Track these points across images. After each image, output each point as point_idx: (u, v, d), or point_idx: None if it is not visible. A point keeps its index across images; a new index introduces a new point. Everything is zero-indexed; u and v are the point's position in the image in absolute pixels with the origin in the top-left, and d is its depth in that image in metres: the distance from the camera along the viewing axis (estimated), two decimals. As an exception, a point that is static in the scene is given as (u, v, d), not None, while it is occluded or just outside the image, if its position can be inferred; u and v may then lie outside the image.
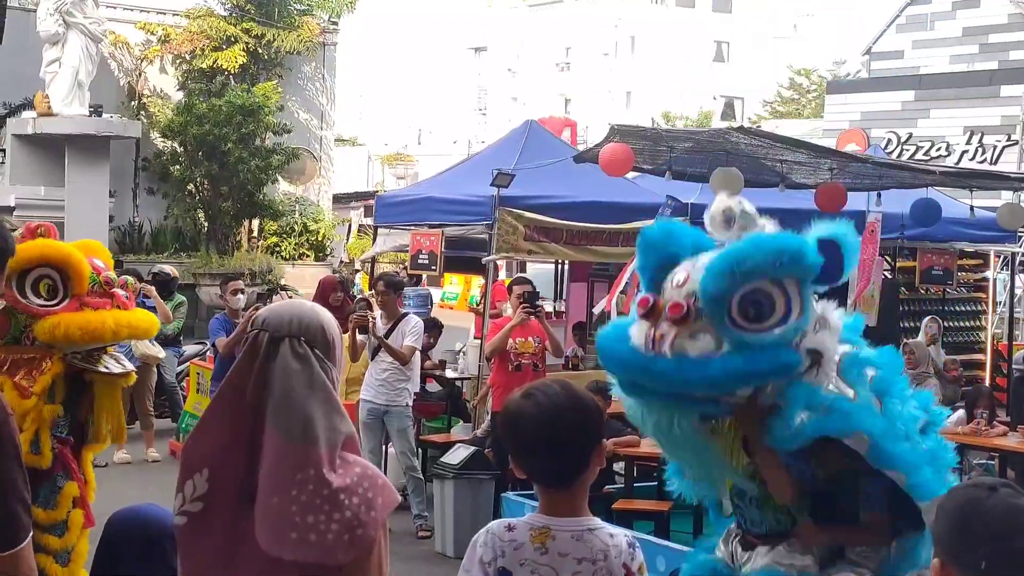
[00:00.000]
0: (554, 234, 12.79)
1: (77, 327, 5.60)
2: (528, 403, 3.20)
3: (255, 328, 2.95)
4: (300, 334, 2.92)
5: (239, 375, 2.92)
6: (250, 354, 2.92)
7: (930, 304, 17.40)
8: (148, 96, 27.68)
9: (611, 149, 12.00)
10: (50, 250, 5.70)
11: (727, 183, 12.25)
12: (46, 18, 20.88)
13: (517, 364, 10.83)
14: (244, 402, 2.89)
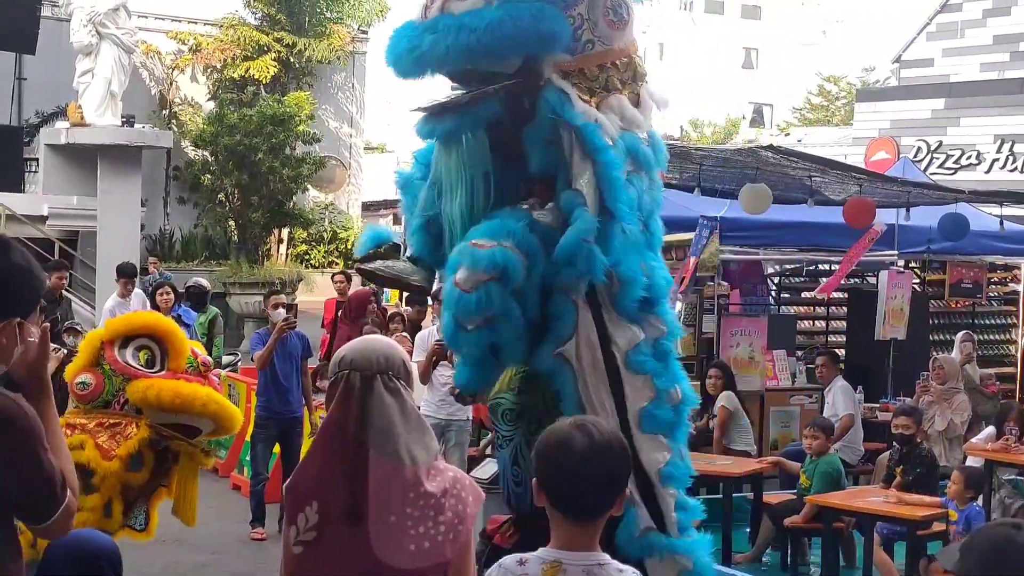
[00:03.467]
0: (584, 248, 12.81)
1: (170, 391, 5.68)
2: (580, 434, 3.23)
3: (344, 368, 3.32)
4: (388, 370, 3.32)
5: (340, 412, 3.29)
6: (346, 393, 3.30)
7: (959, 317, 17.37)
8: (179, 105, 27.86)
9: (641, 166, 12.04)
10: (157, 323, 5.83)
11: (756, 199, 12.31)
12: (79, 29, 21.02)
13: None
14: (346, 436, 3.27)
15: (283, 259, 27.37)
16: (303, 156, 25.36)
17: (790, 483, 10.59)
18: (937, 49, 33.10)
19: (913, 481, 9.48)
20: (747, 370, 12.99)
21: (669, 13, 66.14)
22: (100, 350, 5.87)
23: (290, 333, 10.85)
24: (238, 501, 11.72)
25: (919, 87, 31.73)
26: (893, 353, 14.59)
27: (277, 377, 10.75)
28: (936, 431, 12.05)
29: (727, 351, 13.08)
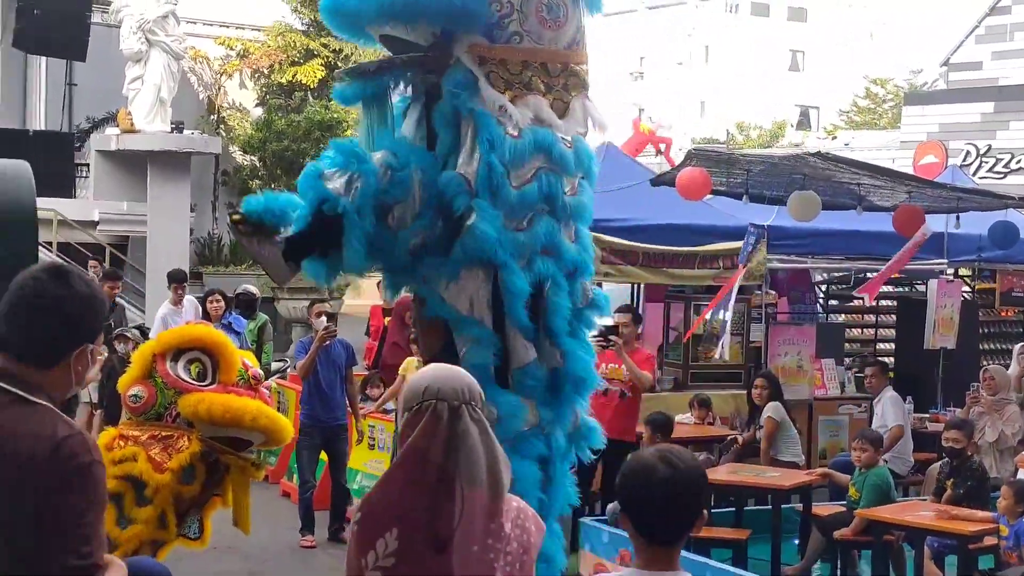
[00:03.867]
0: (630, 257, 12.84)
1: (220, 405, 5.73)
2: (663, 466, 3.38)
3: (430, 397, 3.33)
4: (471, 400, 3.34)
5: (425, 441, 3.30)
6: (433, 423, 3.30)
7: (1010, 326, 17.24)
8: (227, 110, 28.06)
9: (688, 173, 12.05)
10: (208, 336, 5.89)
11: (804, 207, 12.28)
12: (129, 36, 21.24)
13: (604, 389, 10.82)
14: (430, 465, 3.28)
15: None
16: (350, 161, 25.46)
17: (839, 494, 10.55)
18: (986, 52, 32.84)
19: (964, 495, 9.42)
20: (795, 379, 12.96)
21: (714, 16, 66.03)
22: (152, 363, 5.93)
23: (333, 341, 10.91)
24: (288, 508, 11.80)
25: (968, 90, 31.49)
26: (943, 363, 14.50)
27: (320, 385, 10.83)
28: (987, 442, 11.94)
29: (775, 360, 13.05)
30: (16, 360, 3.05)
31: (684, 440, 11.65)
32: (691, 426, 12.37)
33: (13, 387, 3.01)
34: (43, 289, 3.07)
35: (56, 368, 3.07)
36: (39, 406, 3.01)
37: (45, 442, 2.91)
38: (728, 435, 12.11)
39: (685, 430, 12.03)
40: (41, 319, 3.05)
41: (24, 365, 3.04)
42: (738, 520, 10.09)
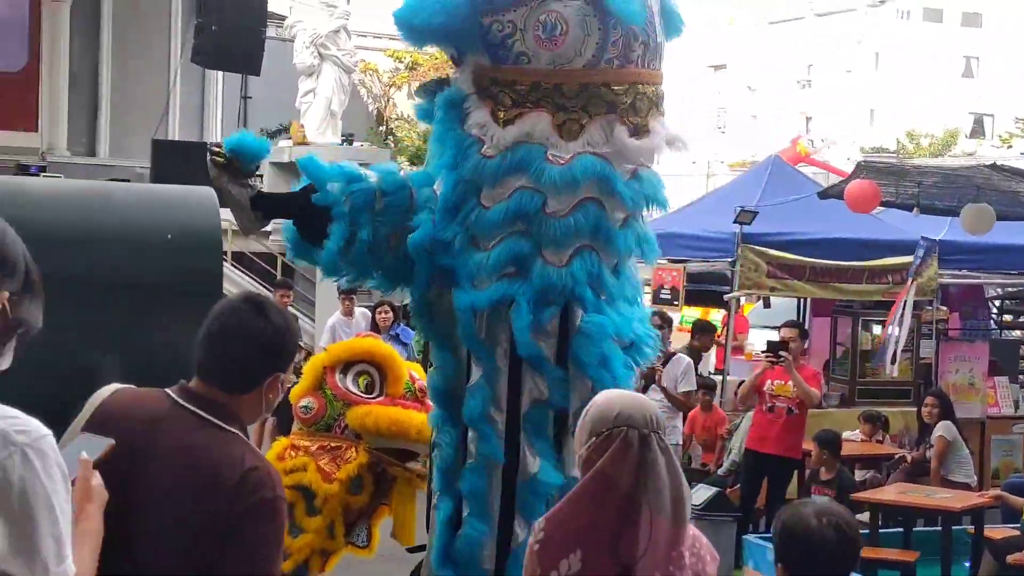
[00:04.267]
0: (797, 271, 12.71)
1: (387, 418, 5.90)
2: (831, 531, 3.49)
3: (621, 424, 3.37)
4: (658, 429, 3.39)
5: (613, 467, 3.34)
6: (623, 449, 3.34)
7: None
8: (395, 121, 28.55)
9: (857, 185, 11.91)
10: (376, 349, 6.06)
11: (978, 220, 12.02)
12: (302, 51, 21.74)
13: (771, 406, 10.74)
14: (618, 490, 3.32)
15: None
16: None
17: (1013, 517, 10.28)
18: None
19: None
20: (966, 397, 12.67)
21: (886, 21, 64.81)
22: (323, 375, 6.11)
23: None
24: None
25: None
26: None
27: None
28: None
29: (945, 377, 12.79)
30: (211, 385, 3.15)
31: (852, 458, 11.51)
32: (859, 443, 12.18)
33: (207, 412, 3.11)
34: (243, 318, 3.18)
35: (249, 395, 3.17)
36: (230, 434, 3.10)
37: (233, 471, 3.00)
38: (897, 454, 11.90)
39: (853, 447, 11.86)
40: (239, 347, 3.15)
41: (218, 390, 3.14)
42: (906, 541, 9.91)
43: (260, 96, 25.47)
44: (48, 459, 2.42)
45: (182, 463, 3.02)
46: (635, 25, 4.99)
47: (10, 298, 2.54)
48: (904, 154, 49.09)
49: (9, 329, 2.56)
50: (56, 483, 2.42)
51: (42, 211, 3.34)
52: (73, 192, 4.07)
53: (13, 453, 2.37)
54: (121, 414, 3.12)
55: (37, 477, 2.38)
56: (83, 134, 25.52)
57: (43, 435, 2.44)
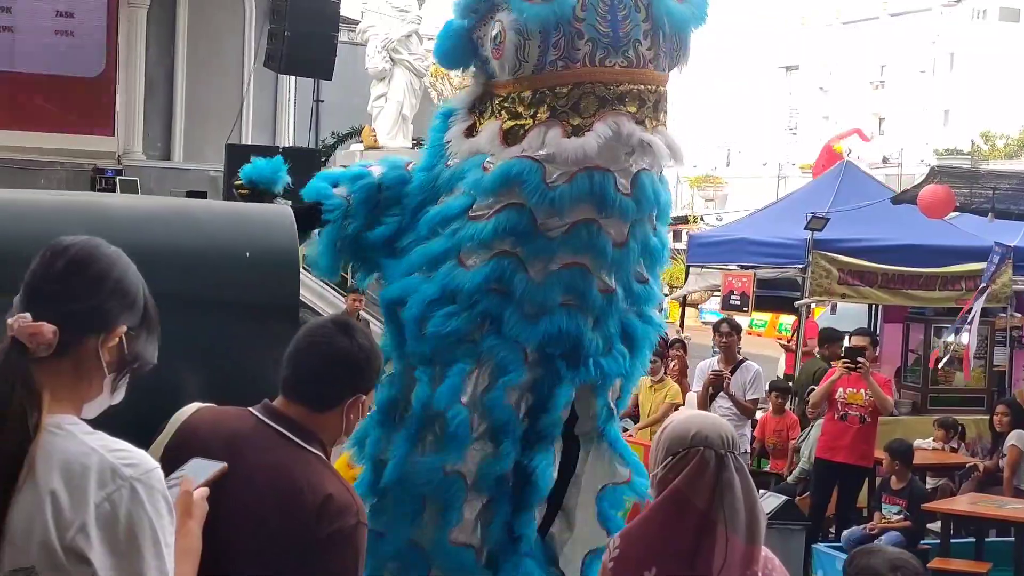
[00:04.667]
0: (869, 278, 12.64)
1: None
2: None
3: (699, 444, 3.41)
4: (734, 449, 3.43)
5: (689, 486, 3.37)
6: (700, 469, 3.38)
7: None
8: (466, 124, 28.68)
9: (931, 191, 11.83)
10: None
11: (1054, 226, 11.90)
12: (374, 55, 21.88)
13: (843, 414, 10.68)
14: (693, 510, 3.35)
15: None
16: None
17: (1088, 529, 10.17)
18: None
19: None
20: (1041, 405, 12.52)
21: (961, 21, 64.08)
22: None
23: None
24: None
25: None
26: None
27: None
28: None
29: (1019, 385, 12.72)
30: (294, 402, 3.20)
31: (924, 467, 11.42)
32: (931, 451, 12.09)
33: (289, 431, 3.16)
34: (329, 336, 3.26)
35: (330, 413, 3.22)
36: (311, 455, 3.15)
37: (315, 495, 3.04)
38: (969, 463, 11.79)
39: (925, 455, 11.78)
40: (324, 363, 3.22)
41: (300, 407, 3.19)
42: (978, 552, 9.83)
43: (332, 100, 25.68)
44: (155, 493, 2.46)
45: (265, 483, 3.07)
46: (564, 20, 4.80)
47: (127, 332, 2.59)
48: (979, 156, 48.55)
49: (125, 364, 2.61)
50: (162, 517, 2.46)
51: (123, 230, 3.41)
52: (153, 210, 4.15)
53: (121, 487, 2.41)
54: (204, 433, 3.17)
55: (144, 511, 2.42)
56: (158, 138, 25.88)
57: (151, 469, 2.49)
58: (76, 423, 2.51)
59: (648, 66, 4.74)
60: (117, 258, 2.65)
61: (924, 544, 10.10)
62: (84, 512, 2.39)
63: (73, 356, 2.52)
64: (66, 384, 2.52)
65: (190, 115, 25.89)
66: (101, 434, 2.51)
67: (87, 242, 2.64)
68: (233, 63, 26.33)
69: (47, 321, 2.47)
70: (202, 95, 25.84)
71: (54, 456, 2.42)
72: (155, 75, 25.56)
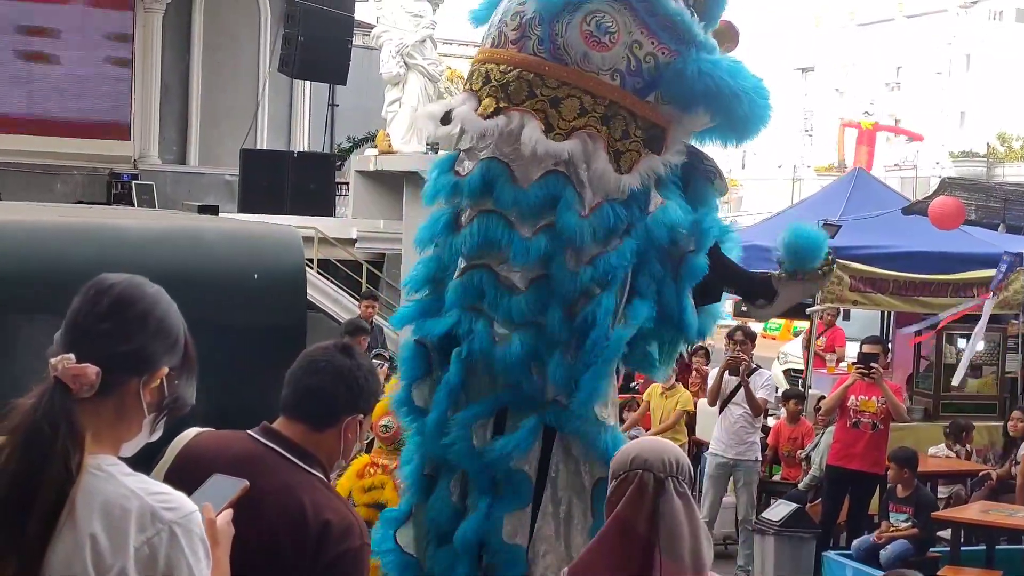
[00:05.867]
0: (881, 285, 12.64)
1: None
2: None
3: (637, 467, 3.35)
4: (678, 474, 3.35)
5: (630, 511, 3.32)
6: (639, 493, 3.33)
7: None
8: (480, 128, 28.73)
9: (942, 203, 11.85)
10: None
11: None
12: (388, 60, 21.90)
13: (855, 422, 10.70)
14: (635, 536, 3.30)
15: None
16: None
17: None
18: None
19: None
20: (1054, 412, 12.52)
21: (977, 22, 63.88)
22: None
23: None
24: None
25: None
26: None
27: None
28: None
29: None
30: (293, 421, 3.23)
31: (934, 474, 11.42)
32: (943, 459, 12.08)
33: (289, 453, 3.19)
34: (329, 356, 3.29)
35: (329, 432, 3.24)
36: (313, 477, 3.18)
37: (317, 518, 3.07)
38: (981, 470, 11.79)
39: (938, 463, 11.78)
40: (322, 379, 3.24)
41: (300, 425, 3.22)
42: (989, 561, 9.83)
43: (346, 105, 25.77)
44: (193, 536, 2.47)
45: (274, 508, 3.09)
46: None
47: (169, 373, 2.60)
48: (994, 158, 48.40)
49: (165, 404, 2.61)
50: (200, 560, 2.47)
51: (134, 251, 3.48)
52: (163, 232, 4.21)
53: (161, 531, 2.43)
54: (208, 458, 3.17)
55: (183, 554, 2.44)
56: (174, 143, 26.01)
57: (189, 512, 2.49)
58: (116, 463, 2.52)
59: (509, 47, 4.83)
60: (160, 298, 2.65)
61: (934, 552, 10.11)
62: (124, 556, 2.40)
63: (115, 397, 2.53)
64: (107, 424, 2.52)
65: (205, 120, 26.01)
66: (141, 476, 2.53)
67: (130, 281, 2.63)
68: (248, 68, 26.46)
69: (91, 361, 2.47)
70: (217, 100, 25.96)
71: (94, 498, 2.43)
72: (171, 80, 25.69)
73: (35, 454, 2.40)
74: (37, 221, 4.24)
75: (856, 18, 68.62)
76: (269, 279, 3.87)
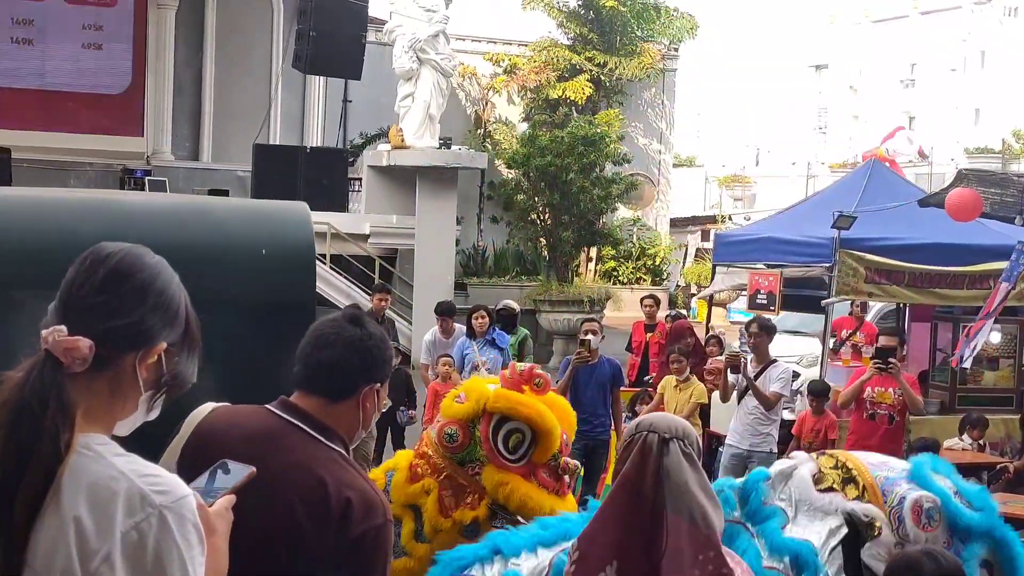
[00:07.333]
0: (896, 276, 12.55)
1: (520, 497, 5.58)
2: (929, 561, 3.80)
3: (643, 430, 3.44)
4: (683, 437, 3.42)
5: (636, 472, 3.39)
6: (643, 453, 3.40)
7: None
8: (493, 124, 28.67)
9: (959, 195, 11.72)
10: (540, 418, 5.68)
11: (1082, 227, 11.78)
12: (401, 55, 21.89)
13: (872, 413, 10.63)
14: (643, 497, 3.36)
15: (592, 276, 27.74)
16: (613, 176, 25.63)
17: (1117, 529, 10.07)
18: None
19: None
20: (1072, 404, 12.44)
21: (992, 19, 63.65)
22: (479, 414, 5.88)
23: (600, 359, 11.07)
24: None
25: None
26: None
27: (581, 403, 10.90)
28: None
29: (1049, 384, 12.58)
30: (308, 394, 3.16)
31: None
32: (959, 452, 11.98)
33: (309, 427, 3.11)
34: (340, 327, 3.22)
35: (347, 403, 3.17)
36: (334, 452, 3.11)
37: (340, 494, 3.01)
38: (999, 463, 11.68)
39: (954, 455, 11.67)
40: (335, 351, 3.18)
41: (316, 399, 3.15)
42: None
43: (359, 100, 25.78)
44: (185, 521, 2.31)
45: (291, 483, 3.03)
46: None
47: (167, 349, 2.45)
48: (1010, 155, 48.22)
49: (163, 382, 2.46)
50: (192, 547, 2.31)
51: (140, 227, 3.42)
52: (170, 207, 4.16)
53: (151, 515, 2.27)
54: (224, 434, 3.12)
55: (173, 540, 2.28)
56: (187, 139, 26.03)
57: (182, 496, 2.33)
58: (106, 443, 2.36)
59: None
60: (161, 269, 2.49)
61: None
62: (110, 541, 2.25)
63: (109, 372, 2.37)
64: (100, 401, 2.37)
65: (218, 115, 26.04)
66: (133, 456, 2.36)
67: (130, 251, 2.47)
68: (261, 63, 26.48)
69: (84, 335, 2.31)
70: (230, 95, 25.97)
71: (81, 479, 2.28)
72: (183, 76, 25.72)
73: (22, 432, 2.25)
74: (39, 195, 4.19)
75: (870, 15, 68.43)
76: (278, 254, 3.79)
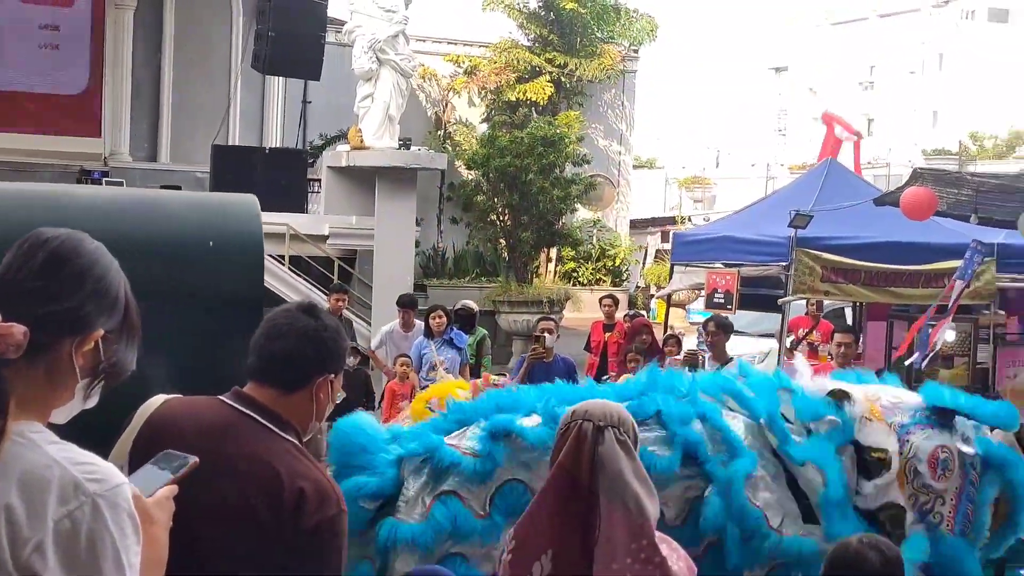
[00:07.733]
0: (852, 275, 12.60)
1: None
2: (873, 553, 3.73)
3: (577, 418, 3.45)
4: (619, 425, 3.43)
5: (571, 460, 3.40)
6: (578, 440, 3.41)
7: None
8: (453, 125, 28.64)
9: (913, 193, 11.79)
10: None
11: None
12: (360, 56, 21.82)
13: None
14: (578, 485, 3.37)
15: (551, 277, 27.74)
16: (572, 177, 25.63)
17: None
18: None
19: None
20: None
21: (950, 22, 64.17)
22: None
23: (555, 357, 11.08)
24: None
25: None
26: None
27: (535, 400, 10.96)
28: None
29: (1003, 382, 12.65)
30: (262, 385, 3.16)
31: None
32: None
33: (263, 418, 3.11)
34: (294, 318, 3.21)
35: (300, 393, 3.17)
36: (287, 443, 3.10)
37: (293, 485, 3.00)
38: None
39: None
40: (289, 341, 3.17)
41: (270, 390, 3.14)
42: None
43: (319, 101, 25.68)
44: (120, 510, 2.27)
45: (245, 474, 3.02)
46: None
47: (105, 336, 2.40)
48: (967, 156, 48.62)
49: (100, 369, 2.41)
50: (127, 536, 2.27)
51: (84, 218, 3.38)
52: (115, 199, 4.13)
53: (84, 504, 2.23)
54: (177, 425, 3.10)
55: (107, 529, 2.24)
56: (145, 139, 25.88)
57: (116, 485, 2.29)
58: (40, 431, 2.31)
59: None
60: (100, 255, 2.45)
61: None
62: (42, 529, 2.20)
63: (45, 359, 2.32)
64: (35, 388, 2.32)
65: (177, 116, 25.90)
66: (67, 444, 2.31)
67: (69, 236, 2.44)
68: (220, 64, 26.36)
69: (19, 320, 2.24)
70: (189, 96, 25.85)
71: (14, 467, 2.22)
72: (142, 76, 25.57)
73: None
74: (-14, 187, 4.16)
75: (830, 17, 68.87)
76: (225, 246, 3.78)
